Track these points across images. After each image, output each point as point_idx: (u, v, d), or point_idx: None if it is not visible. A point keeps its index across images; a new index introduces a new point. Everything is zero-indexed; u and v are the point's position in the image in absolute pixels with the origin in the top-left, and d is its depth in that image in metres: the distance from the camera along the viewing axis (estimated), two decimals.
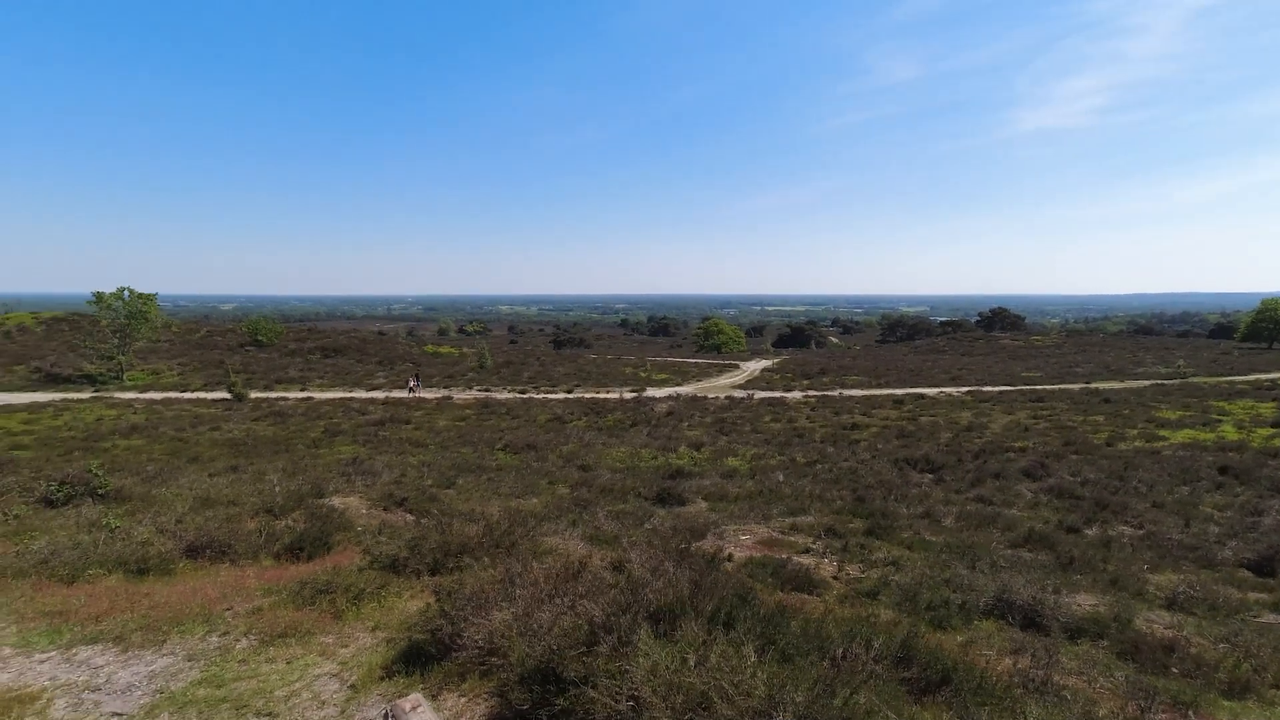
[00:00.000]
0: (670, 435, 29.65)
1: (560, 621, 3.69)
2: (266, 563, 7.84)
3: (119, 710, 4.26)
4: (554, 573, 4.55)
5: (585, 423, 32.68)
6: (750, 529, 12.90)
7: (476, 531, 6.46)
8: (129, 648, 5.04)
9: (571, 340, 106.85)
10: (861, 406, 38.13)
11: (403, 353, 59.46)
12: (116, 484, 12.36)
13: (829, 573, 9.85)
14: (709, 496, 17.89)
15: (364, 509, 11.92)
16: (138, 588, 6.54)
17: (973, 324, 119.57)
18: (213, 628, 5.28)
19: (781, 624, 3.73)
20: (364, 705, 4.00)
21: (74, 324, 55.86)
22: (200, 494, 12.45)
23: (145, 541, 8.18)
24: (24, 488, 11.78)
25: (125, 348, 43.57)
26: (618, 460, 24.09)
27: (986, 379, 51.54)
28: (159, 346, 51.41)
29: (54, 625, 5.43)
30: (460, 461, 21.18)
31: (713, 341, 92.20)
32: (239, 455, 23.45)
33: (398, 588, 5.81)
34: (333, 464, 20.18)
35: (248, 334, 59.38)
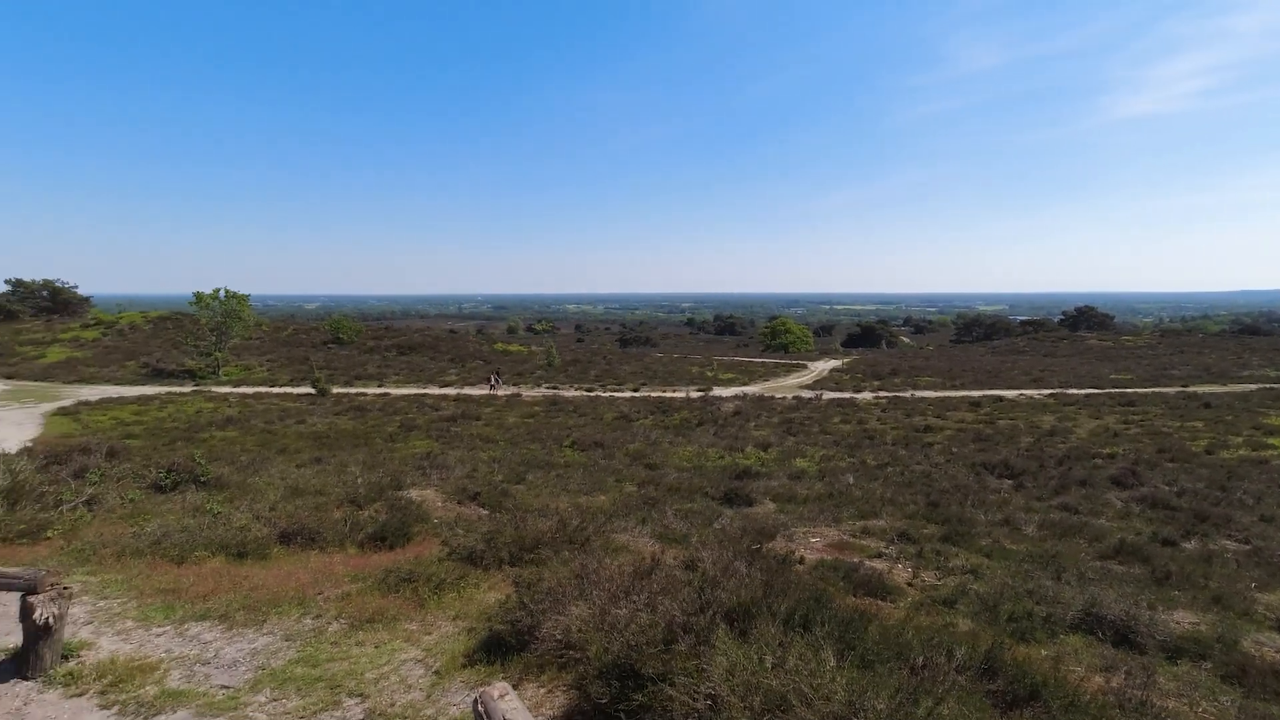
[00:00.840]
0: (737, 435, 29.45)
1: (637, 618, 3.75)
2: (351, 551, 8.23)
3: (226, 683, 4.58)
4: (628, 570, 4.62)
5: (651, 421, 32.82)
6: (820, 531, 12.70)
7: (550, 527, 6.61)
8: (233, 626, 5.40)
9: (637, 339, 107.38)
10: (935, 408, 36.89)
11: (473, 351, 61.10)
12: (216, 472, 13.19)
13: (903, 579, 9.61)
14: (777, 498, 17.68)
15: (439, 502, 12.35)
16: (238, 570, 6.98)
17: (1056, 323, 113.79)
18: (306, 610, 5.60)
19: (860, 628, 3.68)
20: (448, 691, 4.18)
21: (177, 322, 59.85)
22: (290, 484, 13.16)
23: (243, 527, 8.72)
24: (137, 474, 12.70)
25: (221, 345, 46.43)
26: (684, 459, 24.09)
27: (1071, 381, 48.96)
28: (250, 344, 54.50)
29: (167, 602, 5.86)
30: (529, 458, 21.63)
31: (780, 341, 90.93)
32: (322, 447, 24.66)
33: (475, 579, 6.01)
34: (408, 458, 20.96)
35: (330, 332, 62.26)
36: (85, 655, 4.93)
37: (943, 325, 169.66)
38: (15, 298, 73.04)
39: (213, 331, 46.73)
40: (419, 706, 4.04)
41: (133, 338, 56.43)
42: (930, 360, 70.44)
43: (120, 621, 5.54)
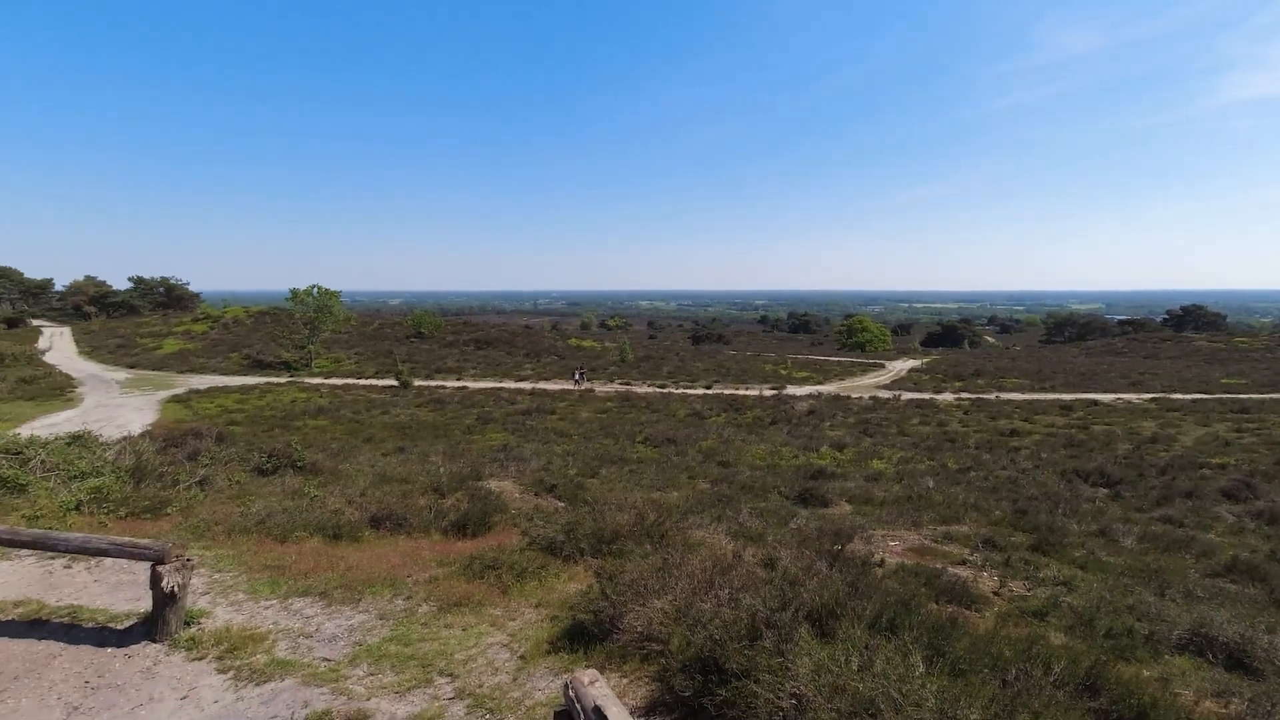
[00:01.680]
0: (811, 434, 28.97)
1: (720, 613, 3.77)
2: (435, 537, 8.57)
3: (327, 656, 4.87)
4: (709, 565, 4.64)
5: (724, 419, 32.65)
6: (899, 535, 12.36)
7: (628, 520, 6.70)
8: (332, 603, 5.73)
9: (710, 336, 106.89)
10: (1022, 411, 35.20)
11: (548, 346, 62.27)
12: (310, 459, 13.97)
13: (989, 587, 9.24)
14: (853, 499, 17.32)
15: (517, 493, 12.69)
16: (334, 550, 7.39)
17: (1158, 323, 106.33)
18: (398, 591, 5.89)
19: (950, 636, 3.58)
20: (533, 675, 4.31)
21: (275, 317, 63.60)
22: (378, 471, 13.80)
23: (337, 510, 9.21)
24: (241, 458, 13.62)
25: (314, 338, 49.07)
26: (757, 458, 23.88)
27: (1175, 385, 45.67)
28: (340, 338, 57.35)
29: (273, 577, 6.28)
30: (603, 452, 21.91)
31: (856, 339, 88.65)
32: (405, 437, 25.71)
33: (555, 569, 6.16)
34: (486, 449, 21.60)
35: (412, 327, 64.76)
36: (204, 623, 5.33)
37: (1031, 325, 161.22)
38: (137, 294, 79.51)
39: (306, 326, 49.45)
40: (506, 689, 4.19)
41: (236, 331, 60.32)
42: (1017, 361, 67.12)
43: (233, 594, 5.97)
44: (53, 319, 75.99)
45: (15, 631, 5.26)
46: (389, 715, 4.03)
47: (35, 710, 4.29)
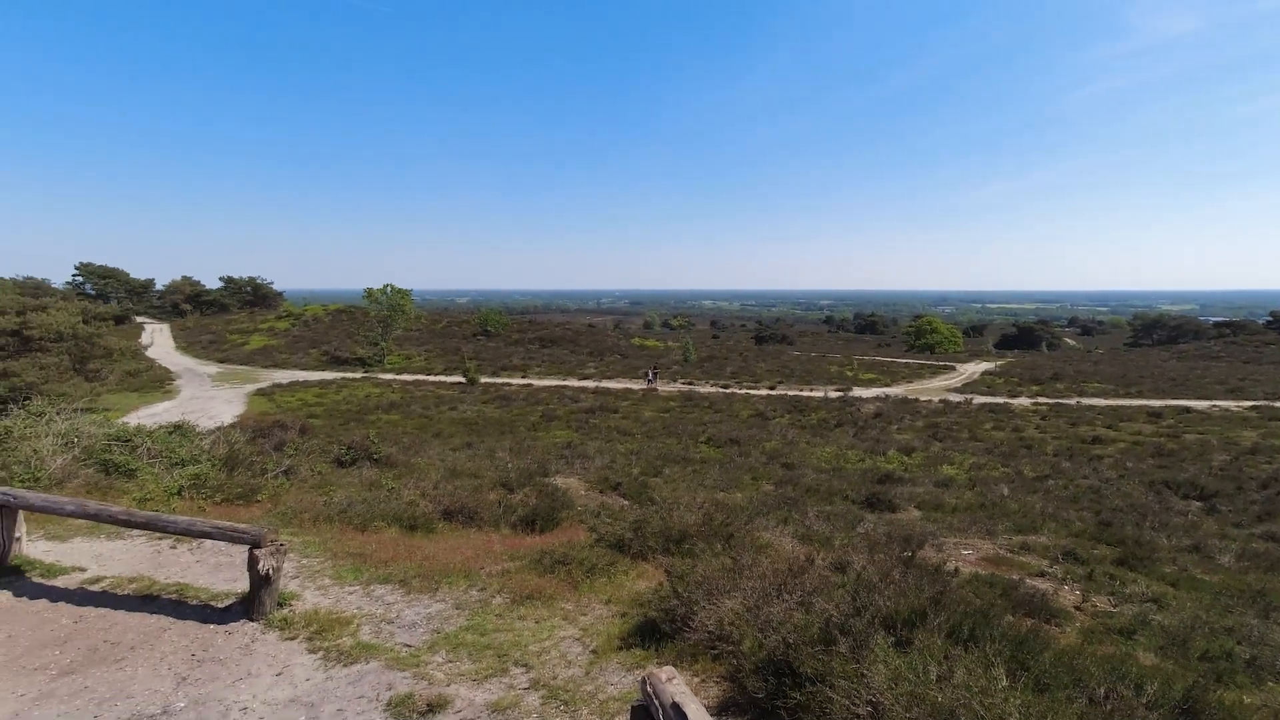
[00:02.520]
0: (878, 438, 28.31)
1: (794, 617, 3.77)
2: (505, 531, 8.80)
3: (407, 642, 5.09)
4: (780, 567, 4.63)
5: (788, 420, 32.24)
6: (972, 543, 11.97)
7: (695, 520, 6.73)
8: (410, 591, 5.97)
9: (774, 336, 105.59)
10: (1105, 418, 33.42)
11: (611, 345, 62.79)
12: (385, 452, 14.54)
13: (1070, 601, 8.86)
14: (922, 505, 16.87)
15: (582, 490, 12.89)
16: (410, 540, 7.69)
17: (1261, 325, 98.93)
18: (472, 583, 6.09)
19: (1034, 650, 3.48)
20: (605, 670, 4.40)
21: (350, 315, 66.38)
22: (448, 466, 14.27)
23: (412, 502, 9.58)
24: (322, 450, 14.30)
25: (386, 335, 50.98)
26: (822, 460, 23.51)
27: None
28: (411, 335, 59.36)
29: (355, 564, 6.59)
30: (665, 452, 21.97)
31: (925, 341, 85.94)
32: (472, 433, 26.41)
33: (624, 566, 6.25)
34: (550, 446, 21.97)
35: (479, 325, 66.43)
36: (295, 605, 5.65)
37: (1115, 327, 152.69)
38: (227, 293, 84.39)
39: (380, 323, 51.44)
40: (579, 682, 4.29)
41: (315, 328, 63.19)
42: (1100, 365, 63.70)
43: (319, 578, 6.29)
44: (153, 316, 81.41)
45: (130, 605, 5.70)
46: (468, 701, 4.19)
47: (149, 678, 4.64)
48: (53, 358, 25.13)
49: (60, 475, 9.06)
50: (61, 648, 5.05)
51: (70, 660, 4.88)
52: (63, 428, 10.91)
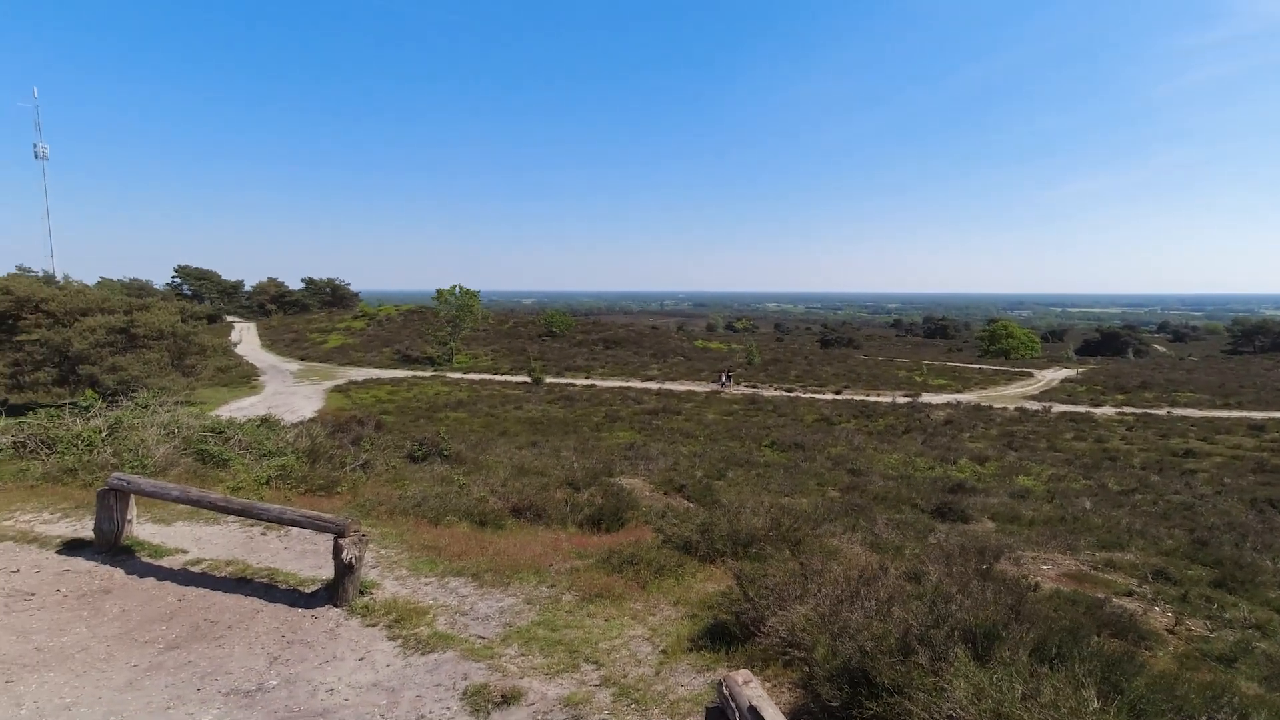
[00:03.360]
0: (949, 445, 27.40)
1: (870, 625, 3.71)
2: (571, 529, 8.93)
3: (481, 634, 5.24)
4: (852, 575, 4.56)
5: (854, 425, 31.56)
6: (1052, 558, 11.46)
7: (763, 524, 6.68)
8: (483, 584, 6.15)
9: (839, 340, 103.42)
10: (1199, 430, 31.39)
11: (674, 347, 62.81)
12: (455, 449, 14.97)
13: (1162, 624, 8.37)
14: (996, 516, 16.27)
15: (647, 491, 12.95)
16: (481, 536, 7.90)
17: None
18: (542, 579, 6.22)
19: (1128, 672, 3.31)
20: (675, 671, 4.43)
21: (421, 315, 68.56)
22: (515, 464, 14.57)
23: (481, 499, 9.83)
24: (396, 445, 14.84)
25: (455, 335, 52.46)
26: (890, 467, 22.92)
27: None
28: (478, 335, 60.89)
29: (431, 557, 6.82)
30: (729, 455, 21.84)
31: (999, 346, 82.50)
32: (537, 432, 26.88)
33: (692, 568, 6.27)
34: (614, 447, 22.14)
35: (544, 326, 67.53)
36: (375, 593, 5.90)
37: (1212, 333, 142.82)
38: (308, 293, 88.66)
39: (449, 324, 52.96)
40: (649, 681, 4.33)
41: (388, 328, 65.58)
42: (1194, 373, 59.79)
43: (397, 569, 6.55)
44: (242, 315, 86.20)
45: (227, 587, 6.07)
46: (540, 695, 4.29)
47: (245, 656, 4.94)
48: (154, 354, 26.93)
49: (163, 463, 9.71)
50: (168, 623, 5.42)
51: (175, 635, 5.24)
52: (165, 419, 11.69)
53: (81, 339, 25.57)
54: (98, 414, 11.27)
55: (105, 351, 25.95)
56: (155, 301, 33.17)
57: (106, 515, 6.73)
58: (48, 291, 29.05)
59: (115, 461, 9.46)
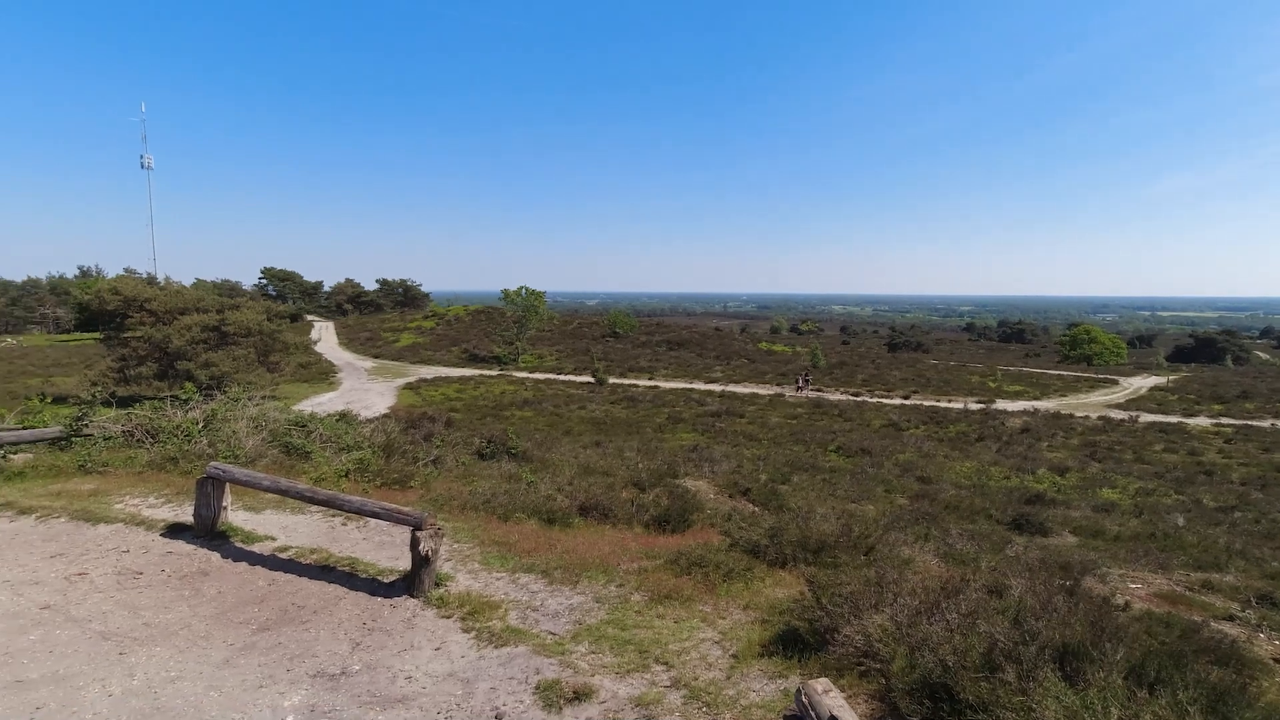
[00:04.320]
0: (1026, 455, 26.26)
1: (953, 639, 3.59)
2: (637, 529, 8.97)
3: (551, 630, 5.33)
4: (930, 585, 4.42)
5: (924, 431, 30.62)
6: (1141, 577, 10.82)
7: (834, 529, 6.56)
8: (553, 582, 6.25)
9: (908, 343, 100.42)
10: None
11: (738, 349, 62.34)
12: (522, 447, 15.26)
13: (1268, 652, 7.78)
14: (1078, 530, 15.52)
15: (711, 493, 12.89)
16: (549, 533, 8.03)
17: None
18: (610, 578, 6.27)
19: (1239, 703, 3.10)
20: (746, 676, 4.40)
21: (488, 315, 70.26)
22: (581, 463, 14.72)
23: (549, 496, 9.98)
24: (465, 442, 15.23)
25: (521, 335, 53.50)
26: (962, 475, 22.14)
27: None
28: (543, 335, 61.94)
29: (501, 552, 6.98)
30: (793, 459, 21.52)
31: (1081, 351, 78.47)
32: (600, 432, 27.11)
33: (761, 573, 6.21)
34: (677, 448, 22.12)
35: (608, 327, 68.09)
36: (449, 586, 6.08)
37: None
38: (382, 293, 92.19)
39: (515, 324, 54.07)
40: (720, 685, 4.32)
41: (457, 327, 67.46)
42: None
43: (469, 563, 6.72)
44: (321, 315, 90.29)
45: (312, 574, 6.37)
46: (611, 693, 4.33)
47: (329, 640, 5.17)
48: (243, 350, 28.53)
49: (253, 454, 10.26)
50: (259, 606, 5.73)
51: (266, 618, 5.53)
52: (253, 412, 12.34)
53: (179, 336, 27.30)
54: (195, 406, 11.99)
55: (200, 348, 27.64)
56: (244, 301, 35.14)
57: (205, 502, 7.17)
58: (150, 292, 31.13)
59: (210, 451, 10.06)
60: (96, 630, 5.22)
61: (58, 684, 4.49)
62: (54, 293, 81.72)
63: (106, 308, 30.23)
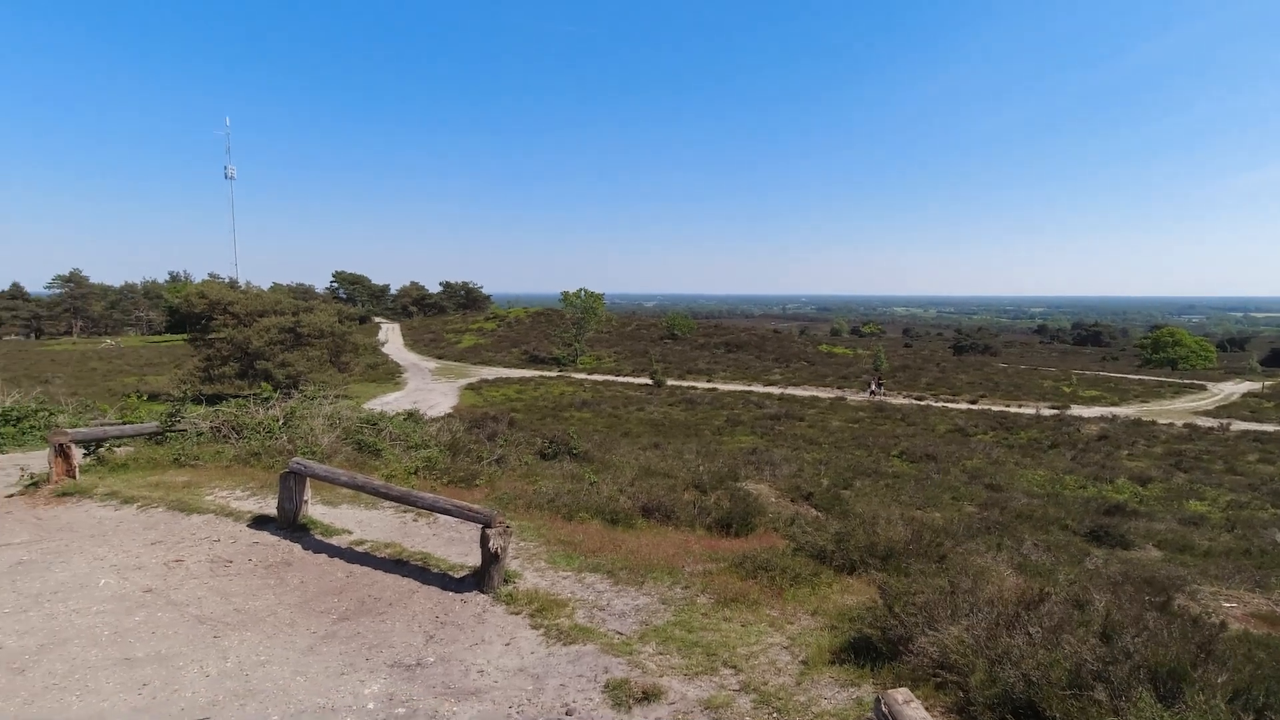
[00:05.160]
0: (1104, 463, 25.06)
1: (1036, 653, 3.47)
2: (700, 532, 8.96)
3: (618, 630, 5.38)
4: (1008, 597, 4.28)
5: (992, 437, 29.56)
6: (1236, 595, 10.20)
7: (903, 536, 6.42)
8: (618, 582, 6.31)
9: (975, 346, 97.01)
10: None
11: (797, 351, 61.49)
12: (583, 447, 15.42)
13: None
14: (1163, 544, 14.75)
15: (773, 497, 12.76)
16: (613, 533, 8.10)
17: None
18: (676, 580, 6.29)
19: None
20: (817, 683, 4.34)
21: (547, 317, 71.32)
22: (641, 464, 14.79)
23: (611, 497, 10.06)
24: (527, 442, 15.51)
25: (579, 337, 54.13)
26: (1034, 484, 21.30)
27: None
28: (601, 337, 62.48)
29: (567, 551, 7.09)
30: (855, 464, 21.10)
31: (1164, 355, 74.27)
32: (658, 434, 27.16)
33: (828, 578, 6.12)
34: (736, 451, 21.97)
35: (666, 328, 68.17)
36: (517, 583, 6.20)
37: None
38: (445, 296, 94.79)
39: (574, 325, 54.76)
40: (790, 691, 4.28)
41: (517, 329, 68.73)
42: None
43: (536, 561, 6.85)
44: (387, 316, 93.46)
45: (387, 567, 6.61)
46: (680, 695, 4.35)
47: (404, 632, 5.35)
48: (316, 351, 29.82)
49: (328, 451, 10.70)
50: (338, 596, 5.97)
51: (345, 608, 5.76)
52: (328, 411, 12.87)
53: (259, 337, 28.74)
54: (275, 404, 12.59)
55: (277, 349, 29.03)
56: (317, 304, 36.70)
57: (287, 495, 7.52)
58: (233, 295, 32.88)
59: (290, 448, 10.53)
60: (193, 614, 5.55)
61: (160, 663, 4.79)
62: (147, 296, 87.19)
63: (194, 310, 32.10)
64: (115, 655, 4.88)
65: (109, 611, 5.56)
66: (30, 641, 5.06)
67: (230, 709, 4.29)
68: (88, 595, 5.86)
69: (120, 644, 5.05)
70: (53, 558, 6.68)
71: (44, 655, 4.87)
